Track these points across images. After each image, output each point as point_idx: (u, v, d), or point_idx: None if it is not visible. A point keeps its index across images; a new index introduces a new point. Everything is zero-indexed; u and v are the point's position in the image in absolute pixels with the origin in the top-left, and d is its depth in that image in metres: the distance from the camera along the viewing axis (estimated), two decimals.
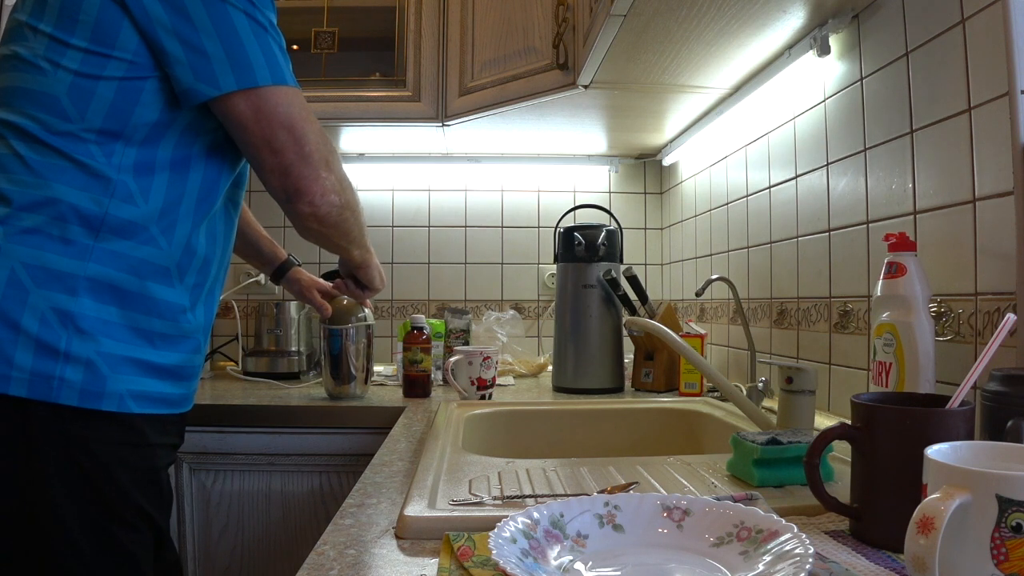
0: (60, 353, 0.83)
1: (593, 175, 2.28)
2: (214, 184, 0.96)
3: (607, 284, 1.65)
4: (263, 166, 0.93)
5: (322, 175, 0.95)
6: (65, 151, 0.85)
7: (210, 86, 0.87)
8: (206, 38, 0.86)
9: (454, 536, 0.60)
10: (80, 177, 0.85)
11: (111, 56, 0.85)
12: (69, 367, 0.83)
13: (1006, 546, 0.44)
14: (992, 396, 0.68)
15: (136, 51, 0.86)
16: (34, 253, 0.83)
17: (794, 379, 1.05)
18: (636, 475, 0.80)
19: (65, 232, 0.84)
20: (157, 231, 0.90)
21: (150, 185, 0.89)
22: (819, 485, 0.61)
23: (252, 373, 1.88)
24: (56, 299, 0.83)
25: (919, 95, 0.98)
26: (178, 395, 0.96)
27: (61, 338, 0.83)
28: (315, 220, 0.99)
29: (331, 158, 0.97)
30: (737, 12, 1.13)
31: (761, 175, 1.50)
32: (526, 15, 1.65)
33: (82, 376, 0.84)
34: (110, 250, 0.86)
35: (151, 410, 0.90)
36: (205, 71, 0.86)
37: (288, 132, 0.91)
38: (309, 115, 0.94)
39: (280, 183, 0.94)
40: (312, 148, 0.93)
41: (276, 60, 0.91)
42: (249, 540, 1.46)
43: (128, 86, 0.86)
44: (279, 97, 0.90)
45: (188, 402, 1.00)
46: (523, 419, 1.34)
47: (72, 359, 0.83)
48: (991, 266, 0.85)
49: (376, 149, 2.18)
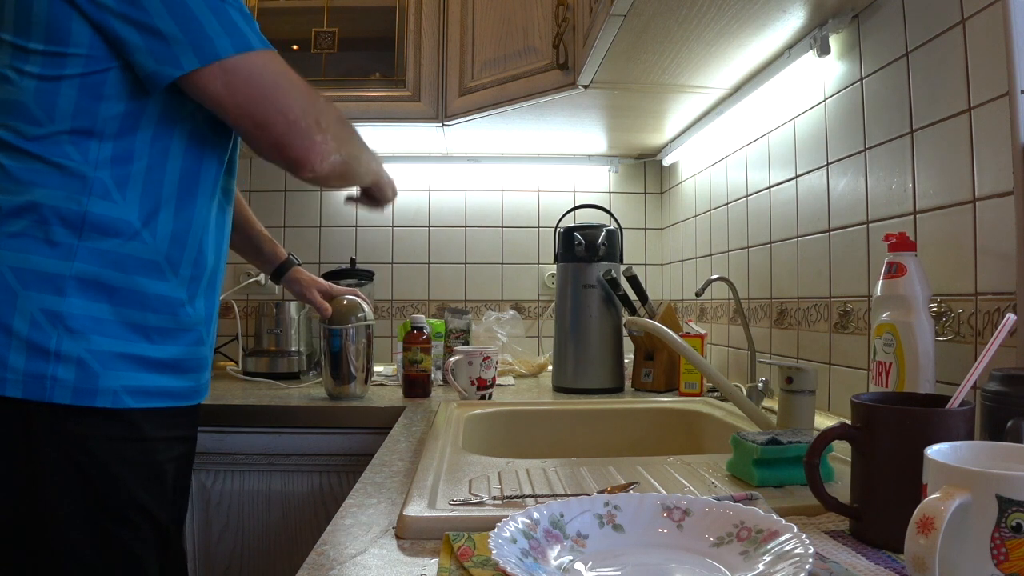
0: (51, 353, 0.83)
1: (593, 175, 2.28)
2: (196, 173, 0.95)
3: (607, 284, 1.65)
4: (254, 145, 0.92)
5: (316, 140, 0.92)
6: (42, 155, 0.84)
7: (172, 67, 0.84)
8: (158, 18, 0.83)
9: (454, 536, 0.60)
10: (57, 178, 0.85)
11: (67, 54, 0.84)
12: (61, 366, 0.83)
13: (1006, 546, 0.44)
14: (992, 396, 0.68)
15: (90, 44, 0.84)
16: (20, 256, 0.83)
17: (794, 379, 1.05)
18: (636, 475, 0.80)
19: (49, 234, 0.84)
20: (140, 225, 0.89)
21: (127, 179, 0.88)
22: (819, 485, 0.61)
23: (252, 373, 1.88)
24: (44, 300, 0.83)
25: (919, 95, 0.98)
26: (183, 388, 0.96)
27: (51, 338, 0.83)
28: (322, 180, 0.98)
29: (321, 116, 0.93)
30: (737, 12, 1.13)
31: (761, 175, 1.50)
32: (526, 15, 1.65)
33: (74, 374, 0.84)
34: (95, 248, 0.86)
35: (150, 404, 0.90)
36: (164, 53, 0.84)
37: (268, 102, 0.88)
38: (285, 76, 0.90)
39: (277, 157, 0.92)
40: (298, 114, 0.90)
41: (237, 27, 0.87)
42: (249, 540, 1.46)
43: (89, 81, 0.85)
44: (248, 65, 0.87)
45: (197, 394, 1.00)
46: (523, 419, 1.34)
47: (63, 358, 0.83)
48: (991, 266, 0.85)
49: (376, 149, 2.17)
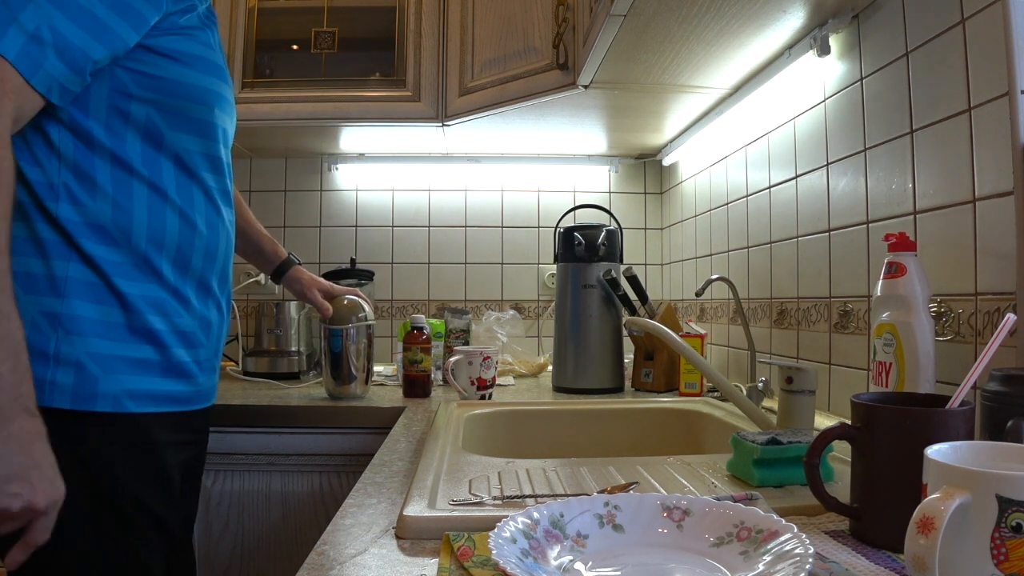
0: (49, 356, 0.83)
1: (593, 175, 2.28)
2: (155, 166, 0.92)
3: (607, 284, 1.65)
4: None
5: None
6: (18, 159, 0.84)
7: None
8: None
9: (454, 536, 0.60)
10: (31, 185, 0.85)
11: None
12: (60, 370, 0.83)
13: (1006, 546, 0.44)
14: (992, 396, 0.68)
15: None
16: (19, 260, 0.83)
17: (794, 379, 1.05)
18: (636, 475, 0.80)
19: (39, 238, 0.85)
20: (111, 226, 0.89)
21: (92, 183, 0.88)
22: (819, 485, 0.61)
23: (252, 373, 1.88)
24: (44, 303, 0.84)
25: (919, 95, 0.98)
26: (186, 392, 0.95)
27: (50, 341, 0.83)
28: None
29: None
30: (737, 12, 1.13)
31: (761, 175, 1.50)
32: (526, 15, 1.65)
33: (73, 378, 0.84)
34: (85, 251, 0.87)
35: (153, 408, 0.90)
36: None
37: None
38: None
39: None
40: None
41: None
42: (249, 540, 1.46)
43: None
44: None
45: (201, 399, 1.00)
46: (523, 419, 1.34)
47: (62, 361, 0.83)
48: (991, 266, 0.85)
49: (376, 149, 2.18)
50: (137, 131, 0.91)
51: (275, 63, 1.87)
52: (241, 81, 1.84)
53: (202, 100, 0.96)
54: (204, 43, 0.96)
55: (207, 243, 0.99)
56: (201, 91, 0.95)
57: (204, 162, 0.99)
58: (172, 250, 0.94)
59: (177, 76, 0.92)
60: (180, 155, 0.95)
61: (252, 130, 1.89)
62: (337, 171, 2.25)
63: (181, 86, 0.93)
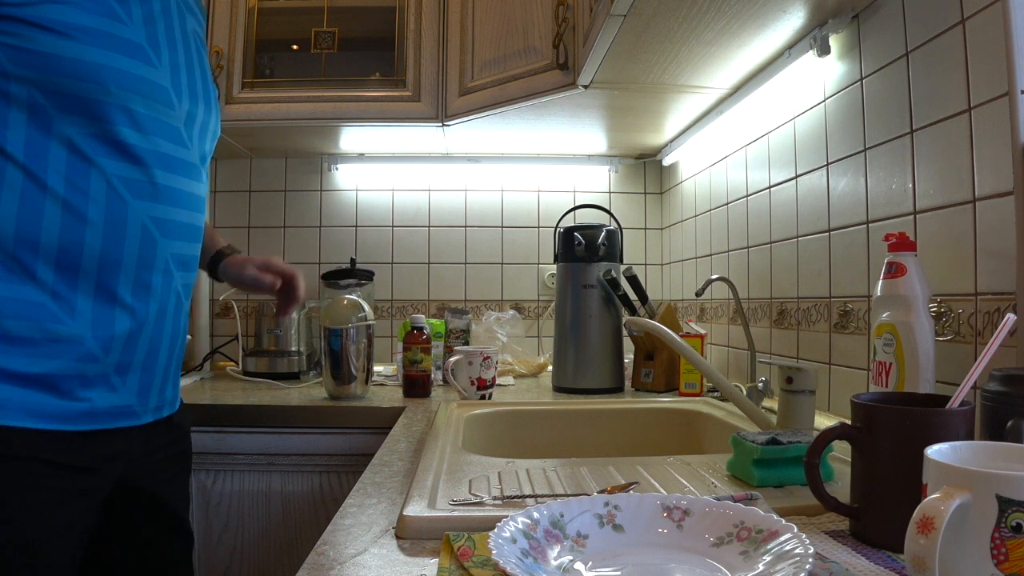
0: None
1: (593, 175, 2.28)
2: (40, 152, 0.82)
3: (607, 284, 1.65)
4: None
5: None
6: None
7: None
8: None
9: (454, 536, 0.60)
10: None
11: None
12: None
13: (1006, 546, 0.44)
14: (992, 396, 0.67)
15: None
16: None
17: (794, 379, 1.05)
18: (636, 475, 0.80)
19: None
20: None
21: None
22: (819, 485, 0.61)
23: (252, 373, 1.88)
24: None
25: (919, 95, 0.98)
26: (68, 409, 0.84)
27: None
28: None
29: None
30: (737, 12, 1.13)
31: (761, 175, 1.50)
32: (526, 15, 1.65)
33: None
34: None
35: (17, 423, 0.80)
36: None
37: None
38: None
39: None
40: None
41: None
42: (249, 540, 1.46)
43: None
44: None
45: (93, 419, 0.87)
46: (523, 419, 1.34)
47: None
48: (991, 266, 0.85)
49: (376, 149, 2.18)
50: (21, 113, 0.81)
51: (275, 63, 1.87)
52: (241, 81, 1.84)
53: (93, 78, 0.83)
54: (105, 14, 0.84)
55: (105, 241, 0.86)
56: (91, 67, 0.83)
57: (102, 147, 0.85)
58: (51, 248, 0.82)
59: (59, 51, 0.80)
60: (73, 139, 0.84)
61: (252, 130, 1.90)
62: (337, 171, 2.25)
63: (65, 62, 0.81)
